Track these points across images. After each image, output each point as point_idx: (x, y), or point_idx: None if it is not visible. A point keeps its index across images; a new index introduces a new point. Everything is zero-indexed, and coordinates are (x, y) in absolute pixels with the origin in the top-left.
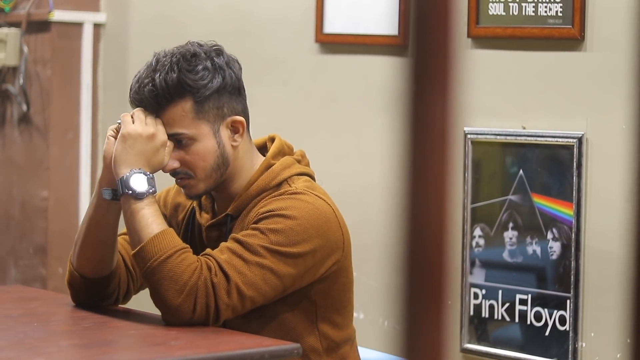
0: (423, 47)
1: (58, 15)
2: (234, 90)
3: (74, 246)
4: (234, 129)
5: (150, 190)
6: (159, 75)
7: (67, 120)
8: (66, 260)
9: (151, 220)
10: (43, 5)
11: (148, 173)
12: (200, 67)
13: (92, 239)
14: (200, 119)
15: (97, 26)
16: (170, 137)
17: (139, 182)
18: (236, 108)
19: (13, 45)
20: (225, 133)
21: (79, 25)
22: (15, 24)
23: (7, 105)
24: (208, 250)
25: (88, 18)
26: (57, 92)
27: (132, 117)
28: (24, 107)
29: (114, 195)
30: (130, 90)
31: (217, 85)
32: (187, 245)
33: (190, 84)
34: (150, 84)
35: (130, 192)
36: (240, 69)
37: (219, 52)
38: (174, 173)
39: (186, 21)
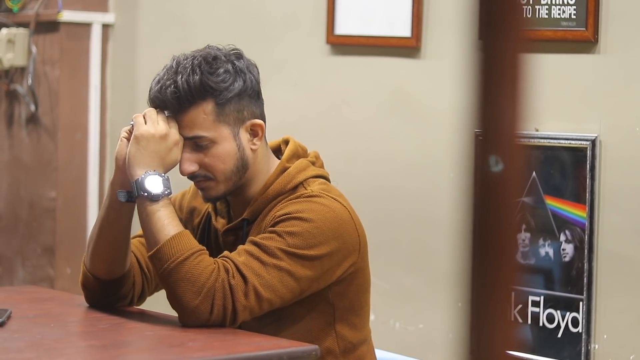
0: (492, 49)
1: (67, 15)
2: (254, 94)
3: (87, 247)
4: (253, 132)
5: (166, 192)
6: (181, 77)
7: (75, 120)
8: (74, 261)
9: (167, 222)
10: (52, 5)
11: (163, 174)
12: (221, 69)
13: (105, 240)
14: (220, 122)
15: (105, 26)
16: (191, 139)
17: (154, 184)
18: (255, 112)
19: (21, 46)
20: (244, 136)
21: (87, 25)
22: (24, 24)
23: (16, 105)
24: (225, 252)
25: (97, 18)
26: (66, 92)
27: (144, 118)
28: (32, 108)
29: (129, 197)
30: (150, 91)
31: (238, 88)
32: (204, 248)
33: (212, 86)
34: (172, 86)
35: (146, 194)
36: (259, 73)
37: (239, 55)
38: (192, 176)
39: (195, 22)
